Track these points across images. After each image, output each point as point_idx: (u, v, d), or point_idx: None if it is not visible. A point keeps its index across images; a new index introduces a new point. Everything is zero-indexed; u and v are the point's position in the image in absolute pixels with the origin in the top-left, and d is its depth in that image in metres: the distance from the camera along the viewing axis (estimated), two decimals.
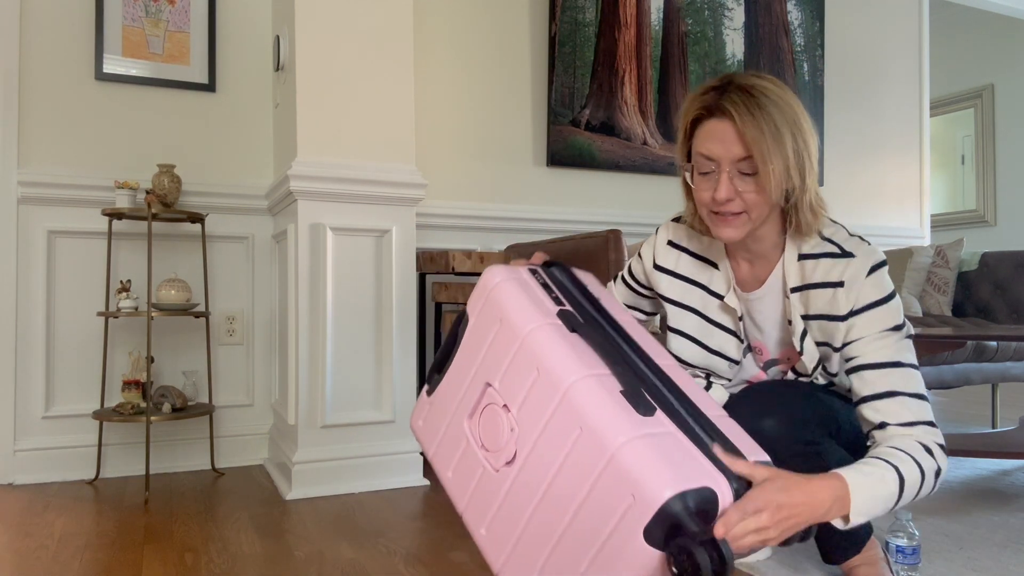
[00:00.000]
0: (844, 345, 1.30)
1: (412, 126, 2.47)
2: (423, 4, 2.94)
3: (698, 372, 1.46)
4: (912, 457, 1.18)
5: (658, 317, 2.39)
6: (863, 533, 1.39)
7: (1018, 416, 3.45)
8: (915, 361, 1.28)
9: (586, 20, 3.16)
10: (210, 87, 2.66)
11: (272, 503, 2.17)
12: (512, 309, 1.12)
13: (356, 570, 1.59)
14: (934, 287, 3.41)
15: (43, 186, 2.43)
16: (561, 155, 3.14)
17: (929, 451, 1.20)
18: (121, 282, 2.45)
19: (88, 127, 2.52)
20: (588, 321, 1.15)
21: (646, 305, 1.58)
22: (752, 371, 1.47)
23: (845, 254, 1.31)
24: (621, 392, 1.02)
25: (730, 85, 1.24)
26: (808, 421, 1.32)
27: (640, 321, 1.54)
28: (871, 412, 1.25)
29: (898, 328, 1.28)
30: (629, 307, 1.58)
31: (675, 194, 3.36)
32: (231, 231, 2.69)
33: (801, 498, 1.03)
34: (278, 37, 2.56)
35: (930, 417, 1.24)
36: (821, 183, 3.71)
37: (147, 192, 2.38)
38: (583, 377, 1.02)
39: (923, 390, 1.26)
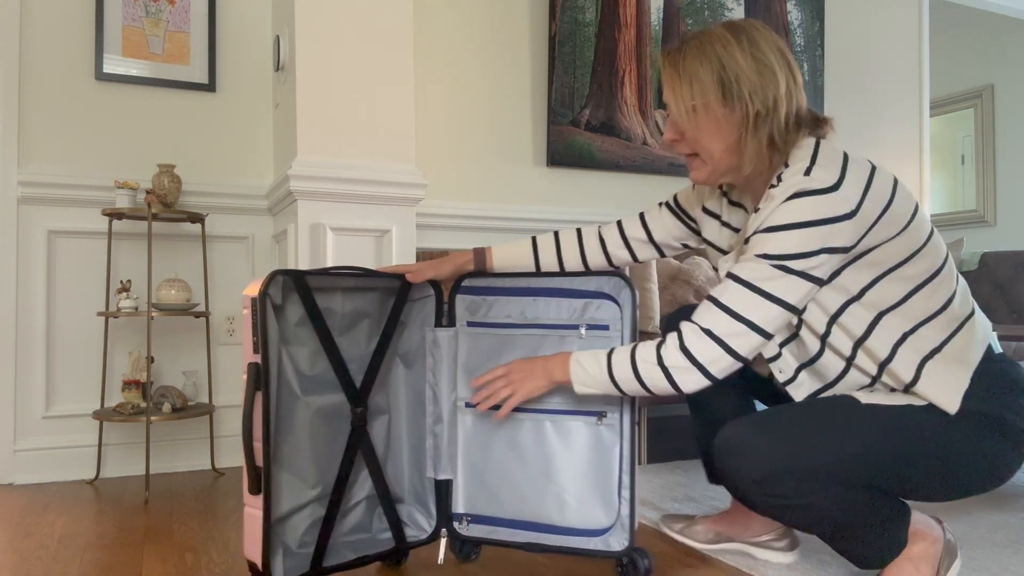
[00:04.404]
0: None
1: (412, 126, 2.47)
2: (423, 4, 2.94)
3: None
4: (632, 350, 1.24)
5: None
6: (887, 544, 1.29)
7: None
8: (768, 289, 1.15)
9: (586, 20, 3.16)
10: (210, 87, 2.67)
11: None
12: (245, 345, 1.33)
13: (355, 569, 1.59)
14: None
15: (43, 186, 2.43)
16: (561, 155, 3.14)
17: (661, 344, 1.21)
18: (121, 282, 2.45)
19: (88, 127, 2.52)
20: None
21: (687, 238, 1.56)
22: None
23: (778, 182, 1.20)
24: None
25: None
26: (781, 473, 1.19)
27: (679, 254, 1.58)
28: None
29: (774, 258, 1.15)
30: (662, 241, 1.56)
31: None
32: (231, 231, 2.69)
33: (528, 363, 1.35)
34: (278, 37, 2.56)
35: (706, 325, 1.17)
36: None
37: (147, 192, 2.39)
38: None
39: (739, 308, 1.16)
